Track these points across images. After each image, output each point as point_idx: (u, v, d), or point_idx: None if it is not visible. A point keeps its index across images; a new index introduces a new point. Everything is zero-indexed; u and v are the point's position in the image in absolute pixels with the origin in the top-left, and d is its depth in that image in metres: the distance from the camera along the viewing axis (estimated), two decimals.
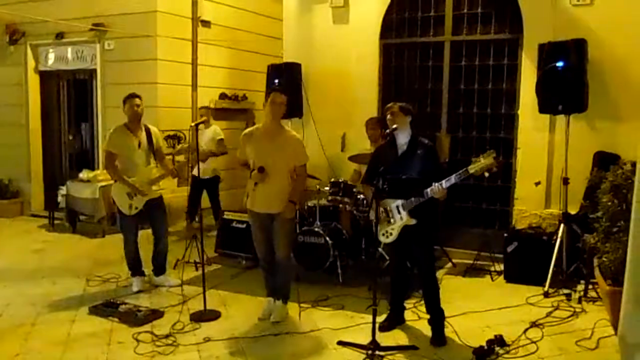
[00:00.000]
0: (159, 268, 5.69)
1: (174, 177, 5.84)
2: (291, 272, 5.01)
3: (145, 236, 5.83)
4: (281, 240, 4.71)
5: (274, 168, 4.60)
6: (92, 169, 8.54)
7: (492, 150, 4.12)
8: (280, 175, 4.63)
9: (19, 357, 4.10)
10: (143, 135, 5.46)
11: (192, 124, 5.14)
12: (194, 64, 8.45)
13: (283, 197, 4.62)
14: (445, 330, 4.40)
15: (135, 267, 5.62)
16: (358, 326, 4.61)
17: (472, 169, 4.08)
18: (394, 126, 4.30)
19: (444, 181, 4.11)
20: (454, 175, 4.10)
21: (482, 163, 4.06)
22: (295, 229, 5.44)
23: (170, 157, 6.48)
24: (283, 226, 4.68)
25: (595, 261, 4.95)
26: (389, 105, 4.50)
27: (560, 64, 5.59)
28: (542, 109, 5.85)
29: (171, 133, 8.00)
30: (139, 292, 5.47)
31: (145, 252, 5.72)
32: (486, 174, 4.09)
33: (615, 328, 4.26)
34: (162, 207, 5.65)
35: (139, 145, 5.43)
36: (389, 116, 4.41)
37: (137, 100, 5.40)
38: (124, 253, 5.62)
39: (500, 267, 6.07)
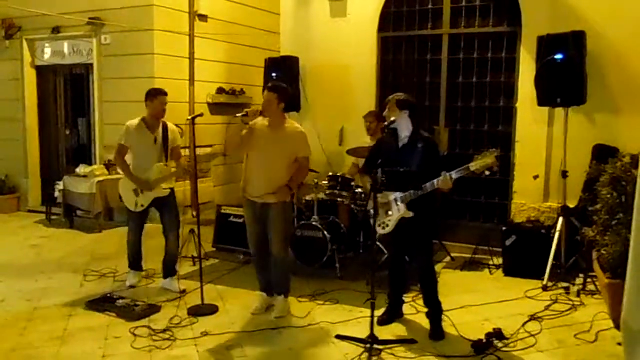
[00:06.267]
0: (166, 269, 5.44)
1: (185, 175, 5.69)
2: (289, 266, 4.94)
3: (146, 232, 5.73)
4: (276, 235, 4.63)
5: (274, 159, 4.59)
6: (90, 164, 8.51)
7: (494, 150, 4.07)
8: (280, 166, 4.61)
9: (15, 352, 4.07)
10: (160, 132, 5.33)
11: (189, 118, 5.09)
12: (191, 58, 8.42)
13: (281, 185, 4.59)
14: (444, 324, 4.39)
15: (134, 262, 5.57)
16: (356, 320, 4.60)
17: (474, 166, 4.04)
18: (392, 119, 4.28)
19: (454, 172, 4.06)
20: (454, 171, 4.07)
21: (484, 161, 4.01)
22: (293, 223, 5.37)
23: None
24: (279, 217, 4.61)
25: (594, 254, 4.94)
26: (388, 98, 4.45)
27: (559, 56, 5.56)
28: (541, 102, 5.82)
29: None
30: (131, 287, 5.42)
31: (147, 248, 5.65)
32: (487, 172, 4.06)
33: (615, 321, 4.26)
34: (172, 205, 5.42)
35: (155, 141, 5.30)
36: (386, 110, 4.39)
37: (166, 98, 5.31)
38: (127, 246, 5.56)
39: (499, 261, 6.06)
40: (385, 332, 4.31)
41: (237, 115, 4.58)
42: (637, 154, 4.71)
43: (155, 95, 5.28)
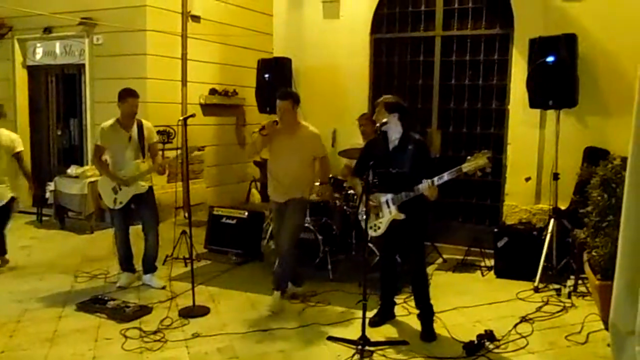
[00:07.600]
0: (146, 266, 5.52)
1: (160, 174, 5.70)
2: (291, 264, 4.99)
3: (136, 232, 5.73)
4: (287, 228, 4.87)
5: (294, 164, 4.88)
6: (81, 164, 8.47)
7: (487, 151, 4.08)
8: (297, 168, 4.90)
9: (4, 354, 4.04)
10: (134, 129, 5.40)
11: (181, 118, 5.08)
12: (184, 59, 8.41)
13: (300, 185, 4.92)
14: (436, 325, 4.39)
15: (125, 263, 5.57)
16: (348, 321, 4.60)
17: (466, 167, 4.03)
18: (384, 120, 4.27)
19: (435, 178, 4.06)
20: (446, 172, 4.06)
21: (476, 162, 4.02)
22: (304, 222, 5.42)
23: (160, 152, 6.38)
24: (294, 210, 4.90)
25: (585, 256, 4.96)
26: (378, 100, 4.47)
27: (550, 59, 5.59)
28: (533, 104, 5.85)
29: (161, 128, 7.92)
30: (120, 288, 5.39)
31: (137, 248, 5.64)
32: (479, 174, 4.07)
33: (605, 322, 4.27)
34: (150, 201, 5.50)
35: (130, 139, 5.37)
36: (375, 112, 4.41)
37: (137, 101, 5.37)
38: (115, 247, 5.59)
39: (490, 262, 6.07)
40: (376, 334, 4.31)
41: (254, 132, 4.84)
42: (627, 157, 4.73)
43: (125, 98, 5.33)
